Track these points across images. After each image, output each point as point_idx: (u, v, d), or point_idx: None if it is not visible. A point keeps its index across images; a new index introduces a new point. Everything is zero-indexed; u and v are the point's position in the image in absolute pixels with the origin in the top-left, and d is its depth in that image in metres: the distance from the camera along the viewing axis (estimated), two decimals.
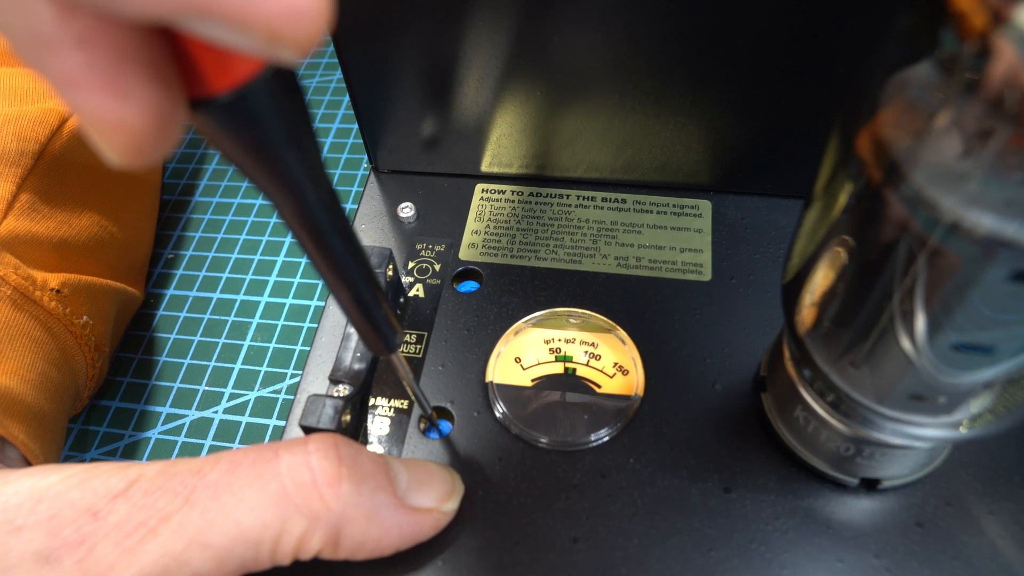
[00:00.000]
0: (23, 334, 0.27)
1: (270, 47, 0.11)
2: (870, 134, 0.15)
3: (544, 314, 0.29)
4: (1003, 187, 0.13)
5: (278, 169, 0.14)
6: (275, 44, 0.11)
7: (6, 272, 0.27)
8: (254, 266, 0.38)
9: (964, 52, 0.13)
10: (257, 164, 0.14)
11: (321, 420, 0.24)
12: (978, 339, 0.16)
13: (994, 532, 0.23)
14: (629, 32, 0.27)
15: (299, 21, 0.10)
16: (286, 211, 0.16)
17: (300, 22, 0.10)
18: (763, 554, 0.23)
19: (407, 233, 0.32)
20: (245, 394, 0.33)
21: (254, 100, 0.13)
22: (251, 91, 0.12)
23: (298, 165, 0.14)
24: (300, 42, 0.11)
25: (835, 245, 0.18)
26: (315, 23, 0.11)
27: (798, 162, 0.30)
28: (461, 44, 0.28)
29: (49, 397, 0.27)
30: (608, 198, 0.33)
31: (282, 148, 0.14)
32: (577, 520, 0.24)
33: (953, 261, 0.15)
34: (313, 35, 0.11)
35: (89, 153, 0.33)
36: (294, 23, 0.10)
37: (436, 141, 0.33)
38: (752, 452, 0.25)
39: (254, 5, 0.10)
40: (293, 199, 0.15)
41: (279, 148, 0.14)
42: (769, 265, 0.30)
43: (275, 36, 0.11)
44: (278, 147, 0.14)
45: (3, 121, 0.30)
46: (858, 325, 0.18)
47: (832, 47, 0.26)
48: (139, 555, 0.18)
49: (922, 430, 0.19)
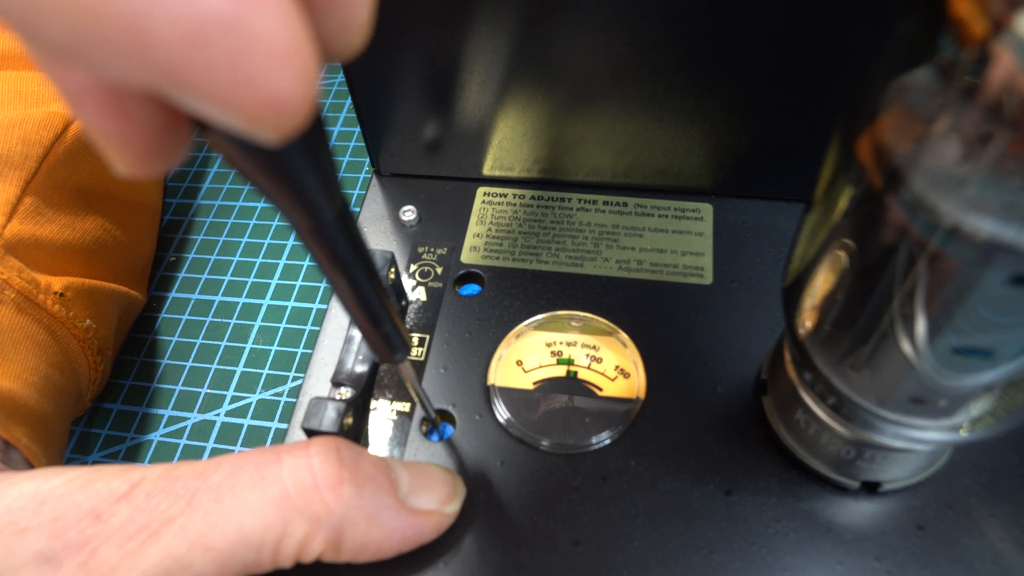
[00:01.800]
0: (26, 337, 0.27)
1: (250, 130, 0.11)
2: (870, 139, 0.16)
3: (546, 317, 0.29)
4: (1002, 191, 0.14)
5: (295, 187, 0.14)
6: (255, 128, 0.11)
7: (10, 276, 0.27)
8: (256, 269, 0.38)
9: (963, 58, 0.13)
10: (274, 182, 0.14)
11: (323, 423, 0.24)
12: (978, 342, 0.16)
13: (995, 535, 0.23)
14: (631, 37, 0.27)
15: (279, 111, 0.10)
16: (302, 228, 0.15)
17: (280, 112, 0.10)
18: (764, 557, 0.23)
19: (409, 236, 0.32)
20: (247, 397, 0.33)
21: None
22: None
23: (315, 182, 0.14)
24: (281, 128, 0.11)
25: (836, 249, 0.18)
26: (296, 114, 0.11)
27: (799, 166, 0.30)
28: (463, 48, 0.28)
29: (52, 400, 0.27)
30: (610, 201, 0.33)
31: (299, 166, 0.14)
32: (578, 523, 0.24)
33: (953, 265, 0.15)
34: (294, 124, 0.11)
35: (92, 156, 0.33)
36: (274, 113, 0.10)
37: (438, 144, 0.33)
38: (753, 455, 0.25)
39: (236, 92, 0.10)
40: (309, 217, 0.15)
41: (296, 166, 0.14)
42: (770, 268, 0.30)
43: (255, 121, 0.11)
44: (295, 165, 0.14)
45: (8, 125, 0.30)
46: (859, 328, 0.18)
47: (832, 52, 0.26)
48: (141, 557, 0.18)
49: (923, 433, 0.19)
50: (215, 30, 0.09)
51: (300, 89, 0.10)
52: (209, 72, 0.10)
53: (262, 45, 0.10)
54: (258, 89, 0.10)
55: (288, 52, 0.10)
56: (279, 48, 0.10)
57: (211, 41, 0.10)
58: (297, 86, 0.10)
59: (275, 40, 0.10)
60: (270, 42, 0.10)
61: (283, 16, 0.10)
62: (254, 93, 0.10)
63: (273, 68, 0.10)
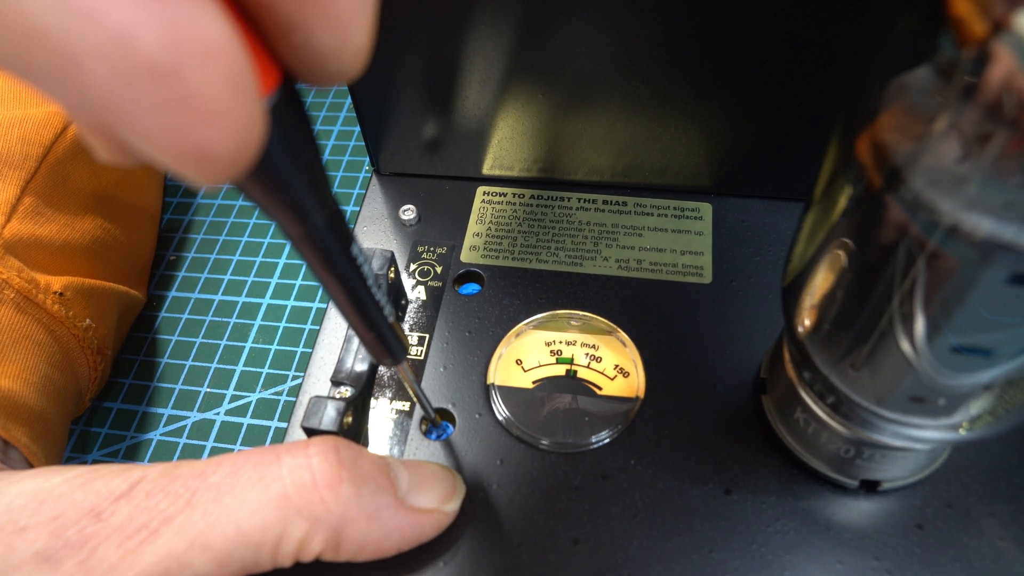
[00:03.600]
0: (26, 337, 0.27)
1: (181, 174, 0.11)
2: (869, 137, 0.16)
3: (545, 316, 0.29)
4: (1001, 190, 0.14)
5: (281, 194, 0.14)
6: (185, 174, 0.11)
7: (9, 275, 0.27)
8: (256, 268, 0.38)
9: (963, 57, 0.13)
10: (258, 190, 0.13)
11: (323, 422, 0.24)
12: (977, 341, 0.16)
13: (994, 534, 0.23)
14: (630, 36, 0.27)
15: (206, 164, 0.10)
16: (292, 233, 0.15)
17: (208, 165, 0.10)
18: (764, 555, 0.23)
19: (409, 235, 0.32)
20: (247, 396, 0.33)
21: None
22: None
23: (302, 189, 0.14)
24: (211, 178, 0.11)
25: (835, 248, 0.18)
26: (226, 168, 0.10)
27: (798, 165, 0.30)
28: (463, 47, 0.28)
29: (51, 399, 0.28)
30: (609, 201, 0.33)
31: (283, 173, 0.13)
32: (578, 521, 0.24)
33: (952, 264, 0.15)
34: (225, 175, 0.11)
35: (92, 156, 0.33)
36: (201, 165, 0.10)
37: (438, 144, 0.33)
38: (753, 454, 0.25)
39: (165, 138, 0.10)
40: (299, 223, 0.15)
41: (280, 173, 0.13)
42: (769, 267, 0.30)
43: (184, 168, 0.10)
44: (279, 172, 0.13)
45: (8, 124, 0.30)
46: (858, 328, 0.18)
47: (832, 51, 0.26)
48: (141, 556, 0.18)
49: (922, 432, 0.19)
50: (147, 79, 0.09)
51: (231, 145, 0.10)
52: (138, 117, 0.09)
53: (195, 101, 0.09)
54: (186, 142, 0.10)
55: (223, 109, 0.10)
56: (213, 105, 0.10)
57: (142, 89, 0.09)
58: (228, 142, 0.10)
59: (210, 96, 0.10)
60: (204, 98, 0.09)
61: (224, 70, 0.10)
62: (182, 144, 0.10)
63: (203, 124, 0.10)
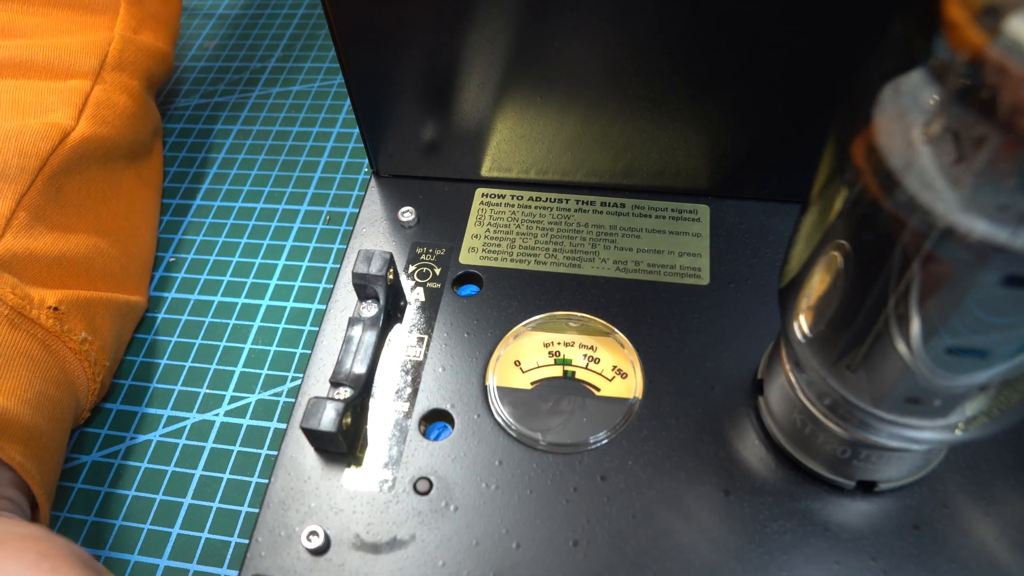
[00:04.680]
0: (20, 353, 0.27)
1: None
2: (864, 141, 0.16)
3: (543, 318, 0.29)
4: (995, 193, 0.14)
5: None
6: None
7: (3, 292, 0.27)
8: (255, 269, 0.38)
9: (956, 60, 0.13)
10: None
11: (322, 423, 0.24)
12: (972, 343, 0.16)
13: (990, 534, 0.23)
14: (628, 38, 0.27)
15: None
16: None
17: None
18: (761, 556, 0.23)
19: (407, 237, 0.32)
20: (246, 397, 0.33)
21: None
22: None
23: None
24: None
25: (831, 250, 0.18)
26: None
27: (795, 168, 0.30)
28: (461, 49, 0.28)
29: (47, 416, 0.27)
30: (607, 202, 0.33)
31: None
32: (576, 522, 0.24)
33: (947, 266, 0.15)
34: None
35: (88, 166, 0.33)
36: None
37: (436, 146, 0.33)
38: (750, 455, 0.25)
39: None
40: None
41: None
42: (766, 269, 0.30)
43: None
44: None
45: (6, 137, 0.29)
46: (854, 329, 0.18)
47: (827, 54, 0.26)
48: None
49: (918, 433, 0.19)
50: None
51: None
52: None
53: None
54: None
55: None
56: None
57: None
58: None
59: None
60: None
61: None
62: None
63: None
